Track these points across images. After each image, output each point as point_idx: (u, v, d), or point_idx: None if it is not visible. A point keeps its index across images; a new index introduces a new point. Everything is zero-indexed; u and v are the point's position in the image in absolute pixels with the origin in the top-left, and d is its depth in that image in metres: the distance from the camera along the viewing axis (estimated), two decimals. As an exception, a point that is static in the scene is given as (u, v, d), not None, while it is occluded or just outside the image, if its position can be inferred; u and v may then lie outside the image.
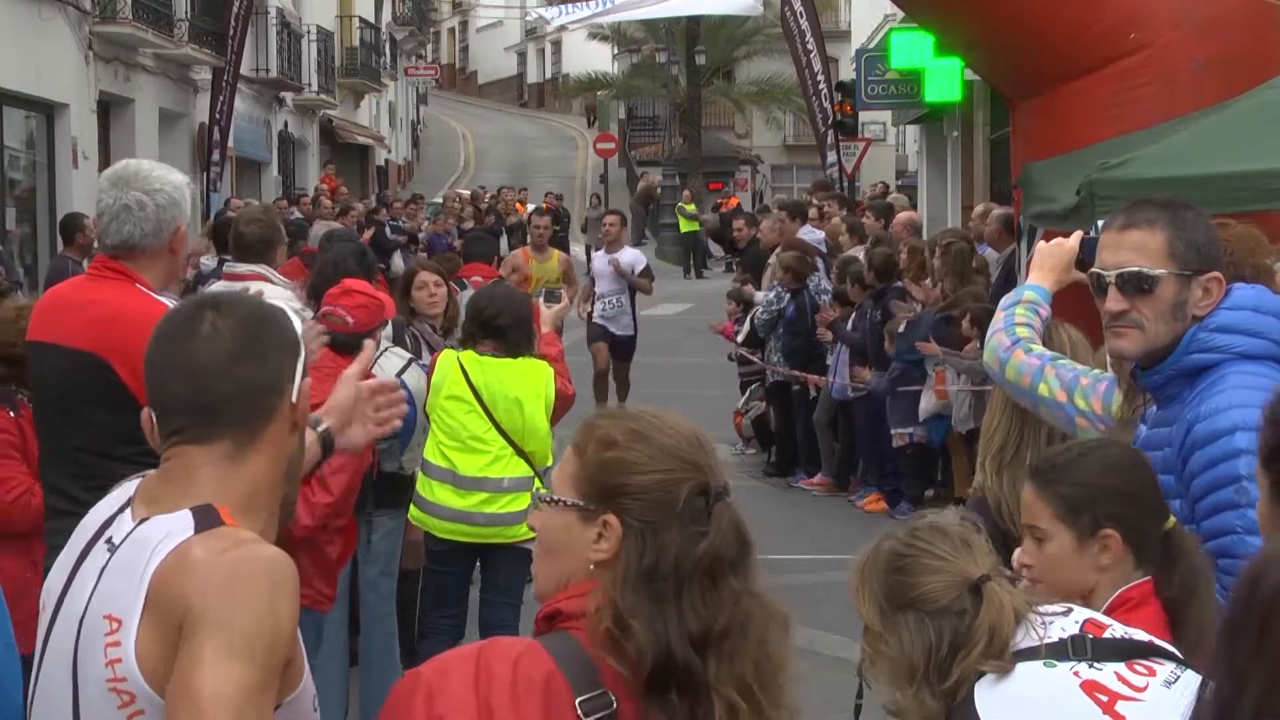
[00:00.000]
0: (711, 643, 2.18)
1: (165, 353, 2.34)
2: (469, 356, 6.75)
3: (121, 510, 2.31)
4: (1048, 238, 8.55)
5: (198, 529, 2.19)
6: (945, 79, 20.50)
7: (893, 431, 11.68)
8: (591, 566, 2.22)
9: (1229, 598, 1.82)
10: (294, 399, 2.35)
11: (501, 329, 6.74)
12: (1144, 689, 2.60)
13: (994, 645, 2.61)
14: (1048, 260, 3.98)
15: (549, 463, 6.92)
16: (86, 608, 2.21)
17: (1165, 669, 2.64)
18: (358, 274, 7.29)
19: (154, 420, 2.33)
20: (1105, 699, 2.59)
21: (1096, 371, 3.83)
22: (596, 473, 2.26)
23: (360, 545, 6.86)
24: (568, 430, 2.69)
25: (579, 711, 2.13)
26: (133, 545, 2.21)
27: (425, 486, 6.80)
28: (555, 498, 2.28)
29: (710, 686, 2.17)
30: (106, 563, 2.22)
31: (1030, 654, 2.62)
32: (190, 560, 2.14)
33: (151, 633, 2.12)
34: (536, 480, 6.77)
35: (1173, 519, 3.02)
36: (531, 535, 7.24)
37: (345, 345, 5.63)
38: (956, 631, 2.63)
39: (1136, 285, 3.40)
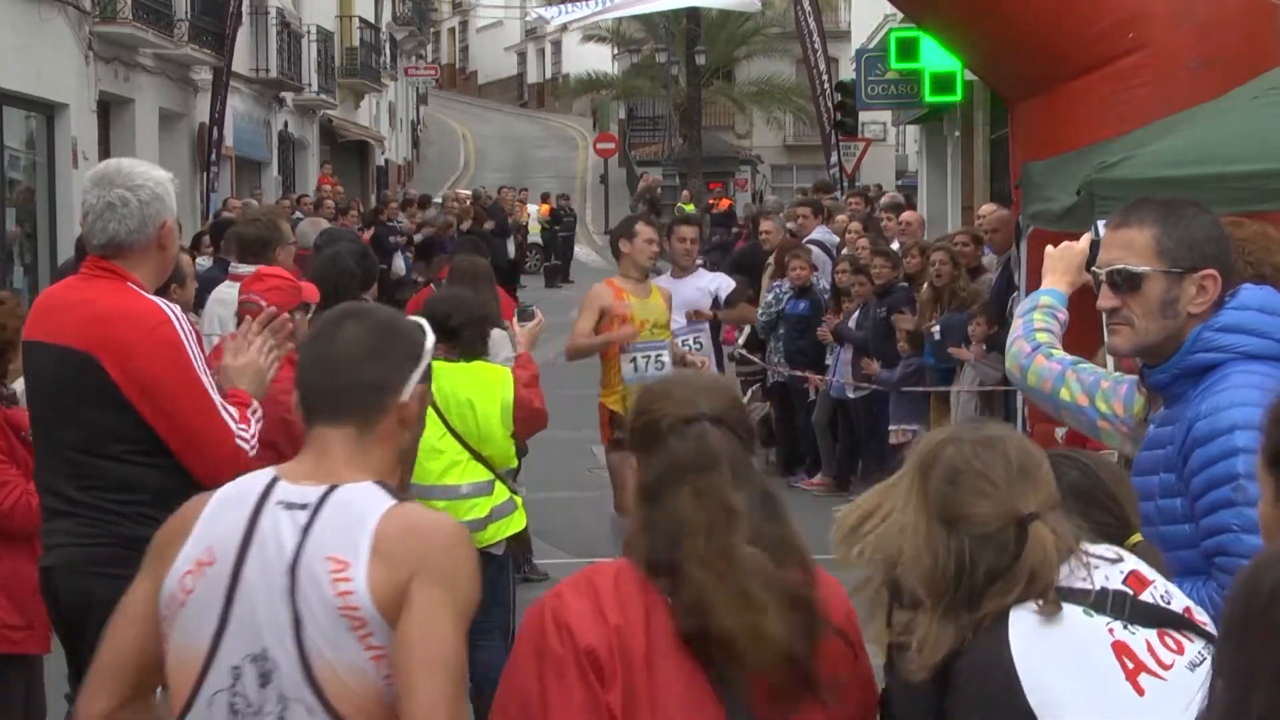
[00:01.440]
0: (686, 537, 2.74)
1: (311, 349, 2.93)
2: None
3: (272, 483, 2.79)
4: (1037, 238, 8.58)
5: (396, 499, 2.76)
6: (945, 79, 20.51)
7: (892, 428, 11.68)
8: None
9: (1228, 600, 1.82)
10: (405, 398, 2.86)
11: (454, 330, 6.59)
12: (1170, 666, 2.60)
13: (1032, 589, 2.59)
14: (1059, 264, 3.96)
15: (512, 464, 6.77)
16: (298, 554, 2.69)
17: (1193, 648, 2.64)
18: (356, 273, 7.25)
19: (296, 399, 2.88)
20: (1131, 666, 2.59)
21: (1117, 374, 3.82)
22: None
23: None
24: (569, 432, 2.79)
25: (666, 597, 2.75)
26: (339, 506, 2.73)
27: None
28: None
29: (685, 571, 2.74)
30: (309, 521, 2.72)
31: (1073, 595, 2.61)
32: (410, 523, 2.72)
33: (381, 574, 2.66)
34: (497, 483, 6.64)
35: (1137, 536, 2.99)
36: (497, 540, 7.13)
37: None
38: (993, 566, 2.62)
39: (1125, 282, 3.42)
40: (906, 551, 2.68)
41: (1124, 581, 2.66)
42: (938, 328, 11.24)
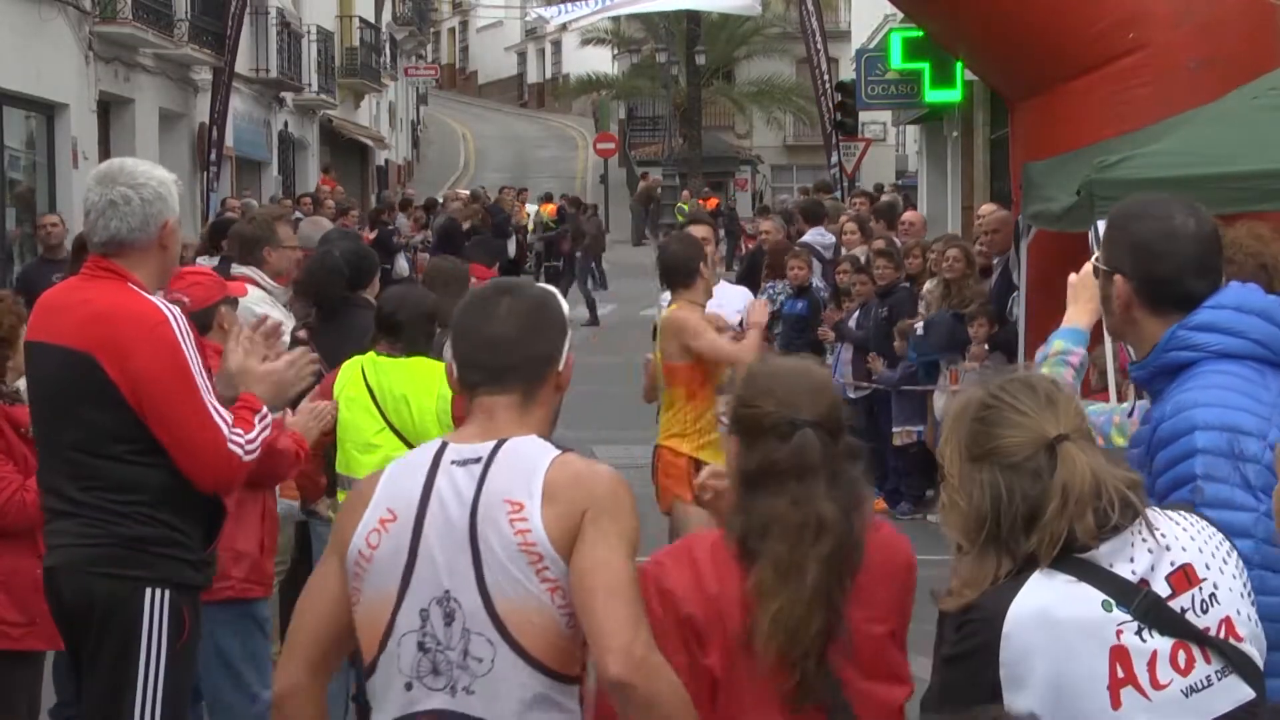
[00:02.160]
0: (774, 539, 3.06)
1: (470, 324, 3.12)
2: (369, 358, 6.59)
3: (442, 448, 3.04)
4: (1040, 239, 8.56)
5: (559, 449, 3.03)
6: (945, 79, 20.50)
7: (895, 429, 11.67)
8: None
9: None
10: (560, 368, 3.13)
11: (396, 326, 6.48)
12: (1163, 687, 2.58)
13: (1069, 507, 2.60)
14: (1083, 292, 3.83)
15: None
16: (476, 499, 2.95)
17: (1203, 670, 2.61)
18: (344, 273, 7.28)
19: (455, 372, 3.14)
20: (1121, 675, 2.57)
21: (1124, 405, 3.81)
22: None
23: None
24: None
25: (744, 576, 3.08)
26: (510, 455, 2.99)
27: (342, 495, 6.61)
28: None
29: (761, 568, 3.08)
30: (484, 471, 2.97)
31: (1102, 581, 2.60)
32: (576, 471, 2.99)
33: (554, 515, 2.92)
34: None
35: None
36: None
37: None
38: (1029, 495, 2.63)
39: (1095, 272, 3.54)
40: (944, 500, 2.74)
41: (1169, 576, 2.63)
42: (921, 324, 11.25)
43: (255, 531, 5.42)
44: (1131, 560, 2.62)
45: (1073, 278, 3.96)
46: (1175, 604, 2.62)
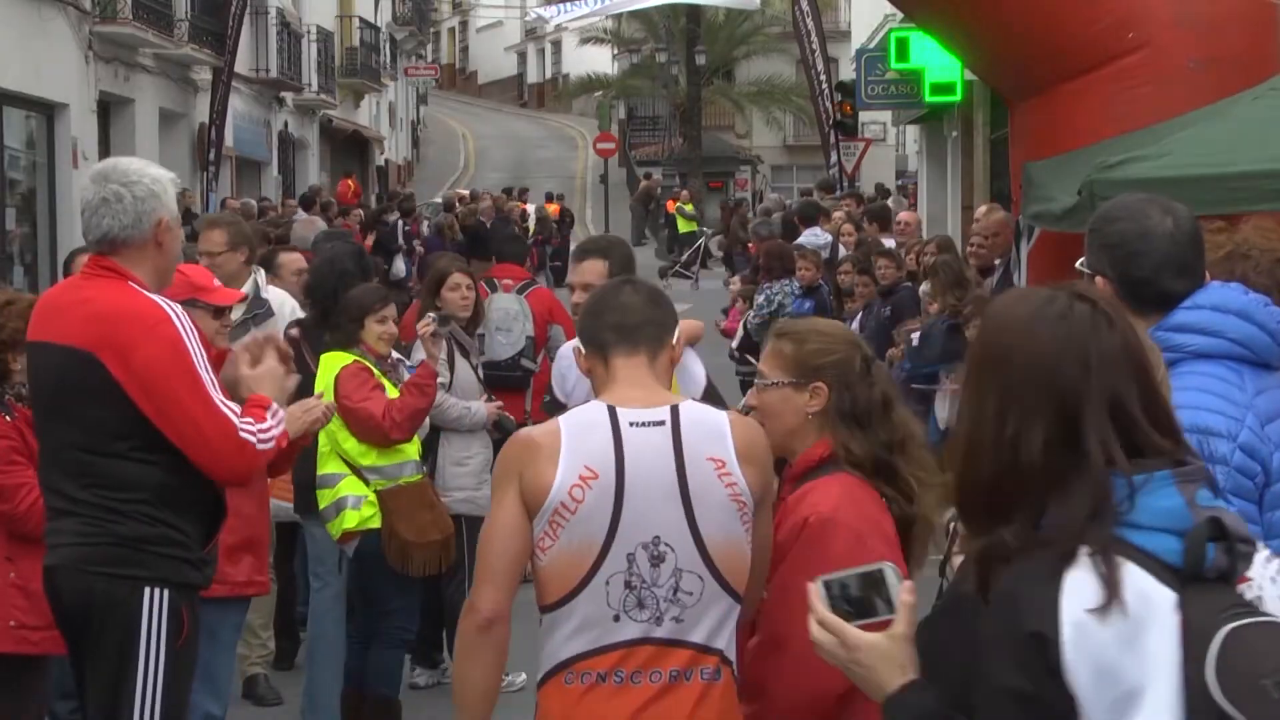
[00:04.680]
0: (897, 448, 3.59)
1: (600, 304, 3.59)
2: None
3: (612, 410, 3.40)
4: (1041, 241, 8.55)
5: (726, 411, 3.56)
6: (945, 79, 20.49)
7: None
8: (809, 416, 3.59)
9: None
10: (674, 340, 3.57)
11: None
12: None
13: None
14: None
15: (363, 460, 6.60)
16: (680, 457, 3.37)
17: None
18: (354, 273, 7.27)
19: (583, 350, 3.55)
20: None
21: None
22: (805, 358, 3.60)
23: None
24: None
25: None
26: (693, 419, 3.43)
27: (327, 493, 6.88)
28: (774, 381, 3.63)
29: (901, 472, 3.59)
30: (675, 433, 3.39)
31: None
32: (752, 432, 3.48)
33: (752, 473, 3.41)
34: (348, 478, 6.57)
35: None
36: (338, 534, 7.00)
37: None
38: None
39: None
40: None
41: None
42: (917, 334, 11.21)
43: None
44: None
45: None
46: None
